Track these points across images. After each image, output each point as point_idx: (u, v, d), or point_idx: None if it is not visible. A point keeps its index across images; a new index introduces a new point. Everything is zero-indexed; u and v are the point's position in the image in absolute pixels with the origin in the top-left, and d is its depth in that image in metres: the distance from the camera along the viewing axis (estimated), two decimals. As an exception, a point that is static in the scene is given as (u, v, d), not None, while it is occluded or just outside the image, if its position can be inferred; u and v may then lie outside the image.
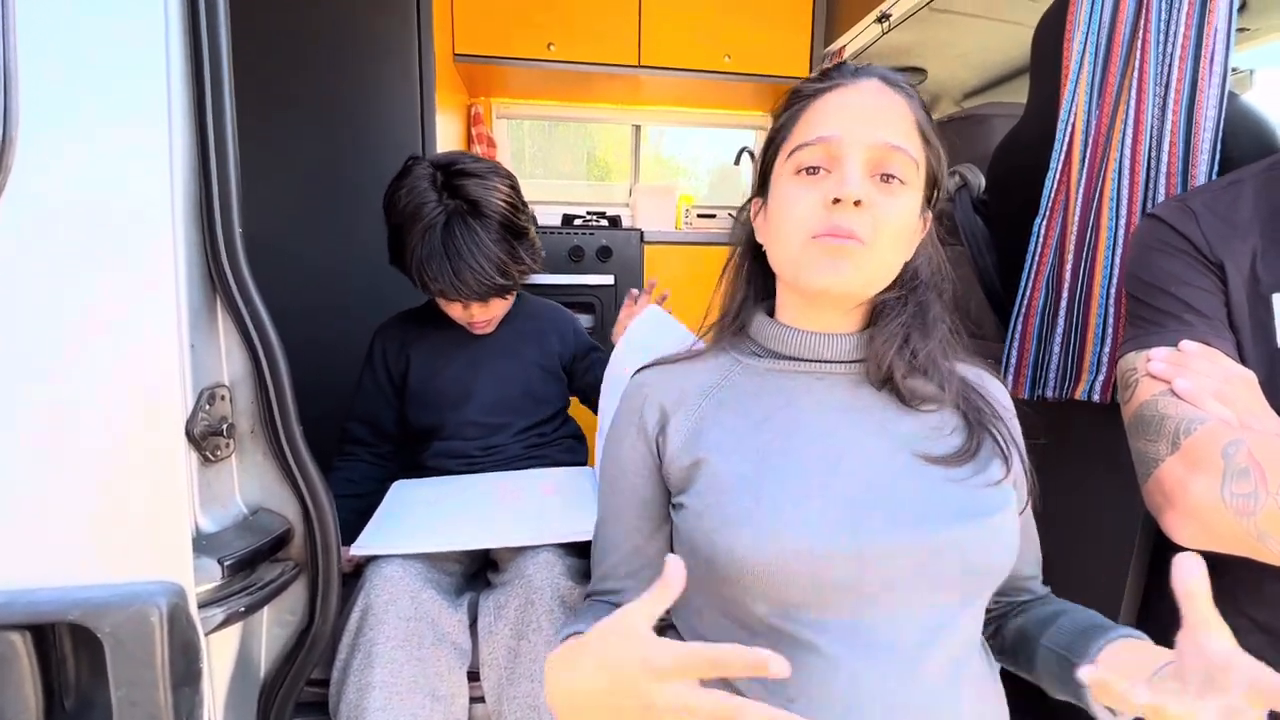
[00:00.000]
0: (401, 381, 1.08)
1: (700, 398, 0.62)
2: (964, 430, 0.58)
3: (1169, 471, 0.59)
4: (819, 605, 0.51)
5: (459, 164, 0.95)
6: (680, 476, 0.59)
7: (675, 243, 2.21)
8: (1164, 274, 0.67)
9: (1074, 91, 0.90)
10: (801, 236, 0.56)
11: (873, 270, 0.56)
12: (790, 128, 0.59)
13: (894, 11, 1.81)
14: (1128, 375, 0.67)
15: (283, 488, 0.65)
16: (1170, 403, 0.61)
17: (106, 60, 0.51)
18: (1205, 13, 0.80)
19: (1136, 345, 0.67)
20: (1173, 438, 0.59)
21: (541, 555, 0.79)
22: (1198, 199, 0.69)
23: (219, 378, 0.62)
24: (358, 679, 0.71)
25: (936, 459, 0.56)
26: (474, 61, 2.09)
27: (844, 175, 0.54)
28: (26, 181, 0.48)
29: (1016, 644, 0.61)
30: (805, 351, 0.61)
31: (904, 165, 0.55)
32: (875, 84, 0.57)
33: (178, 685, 0.51)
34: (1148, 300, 0.68)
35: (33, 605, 0.48)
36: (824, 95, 0.58)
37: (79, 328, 0.50)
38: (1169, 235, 0.68)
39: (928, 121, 0.58)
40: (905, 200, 0.56)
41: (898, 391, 0.59)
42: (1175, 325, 0.65)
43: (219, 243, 0.58)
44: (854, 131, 0.55)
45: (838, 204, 0.54)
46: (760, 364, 0.63)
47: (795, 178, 0.57)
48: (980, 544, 0.52)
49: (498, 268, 0.94)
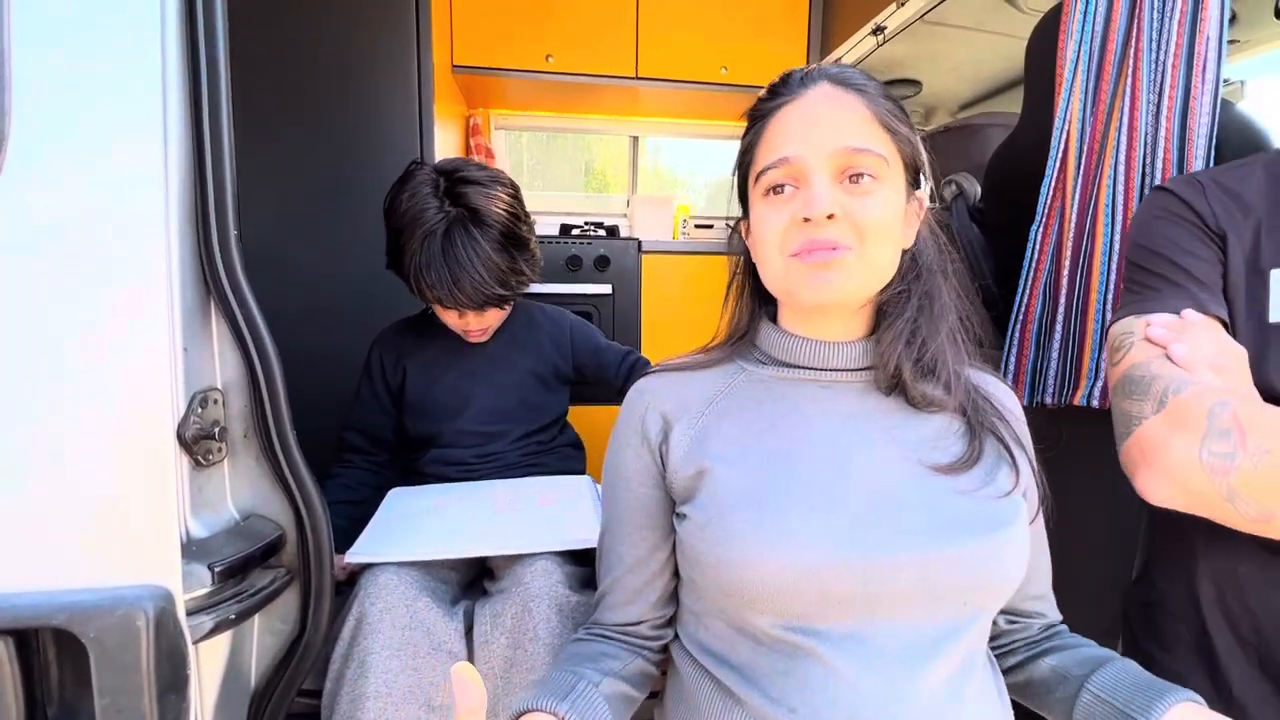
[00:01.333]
0: (399, 391, 1.08)
1: (703, 406, 0.61)
2: (967, 436, 0.58)
3: (1150, 429, 0.59)
4: (824, 616, 0.51)
5: (462, 171, 0.95)
6: (684, 486, 0.58)
7: (673, 252, 2.21)
8: (1166, 241, 0.66)
9: (1068, 100, 0.91)
10: (782, 256, 0.56)
11: (863, 274, 0.56)
12: (754, 150, 0.60)
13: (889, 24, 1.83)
14: (1122, 339, 0.66)
15: (275, 493, 0.65)
16: (1163, 365, 0.60)
17: (103, 64, 0.50)
18: (1197, 21, 0.81)
19: (1134, 310, 0.66)
20: (1160, 397, 0.59)
21: (539, 563, 0.78)
22: (1207, 174, 0.69)
23: (212, 381, 0.61)
24: (351, 689, 0.70)
25: (943, 468, 0.55)
26: (472, 73, 2.10)
27: (811, 194, 0.54)
28: (19, 183, 0.48)
29: (1047, 683, 0.59)
30: (810, 360, 0.61)
31: (870, 162, 0.54)
32: (825, 89, 0.57)
33: (163, 692, 0.50)
34: (1148, 266, 0.67)
35: (16, 610, 0.47)
36: (777, 113, 0.58)
37: (70, 329, 0.50)
38: (1174, 204, 0.67)
39: (889, 109, 0.57)
40: (882, 196, 0.55)
41: (906, 395, 0.58)
42: (1173, 292, 0.64)
43: (214, 246, 0.57)
44: (811, 145, 0.54)
45: (810, 222, 0.54)
46: (765, 372, 0.62)
47: (765, 199, 0.58)
48: (989, 559, 0.52)
49: (496, 277, 0.94)
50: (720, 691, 0.55)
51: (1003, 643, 0.63)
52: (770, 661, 0.52)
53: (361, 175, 1.60)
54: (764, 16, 2.21)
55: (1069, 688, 0.56)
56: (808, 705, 0.49)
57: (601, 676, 0.57)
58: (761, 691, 0.52)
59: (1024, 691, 0.61)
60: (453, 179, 0.94)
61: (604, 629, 0.64)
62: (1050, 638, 0.63)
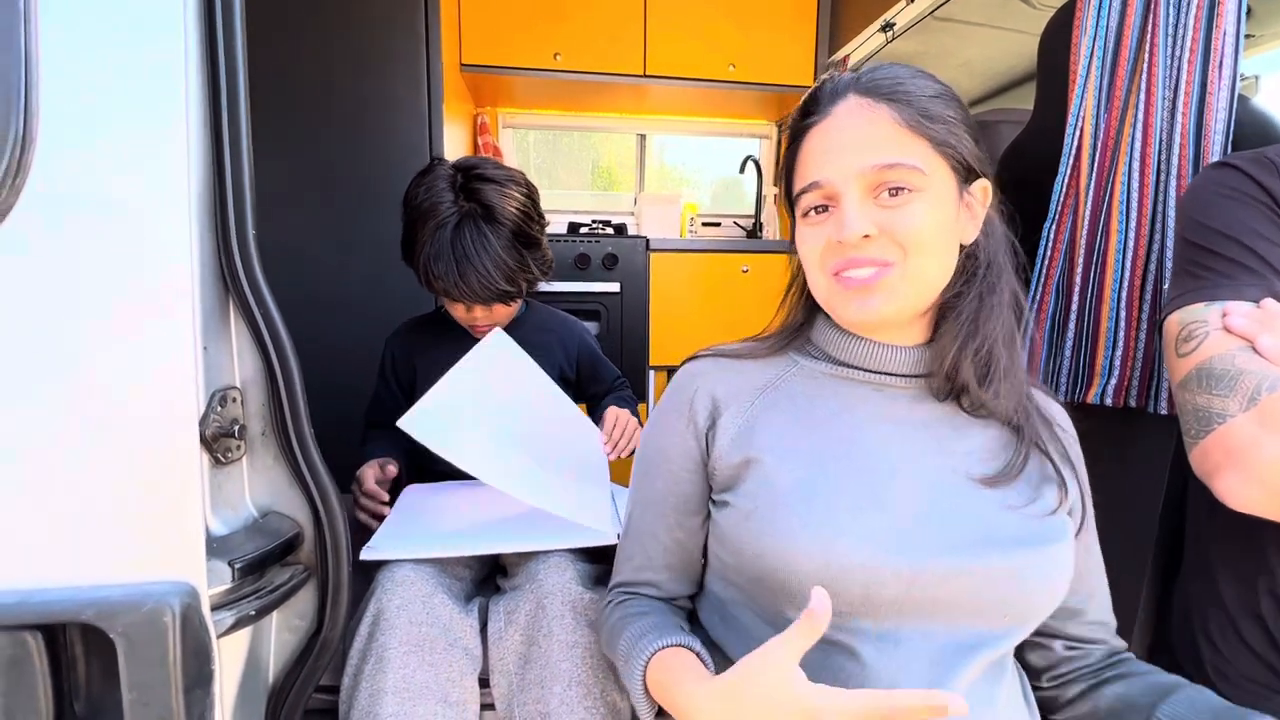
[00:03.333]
0: (410, 389, 1.08)
1: (754, 395, 0.60)
2: (1013, 446, 0.57)
3: (1239, 428, 0.55)
4: (862, 615, 0.51)
5: (480, 169, 0.97)
6: (728, 475, 0.58)
7: (680, 250, 2.21)
8: (1237, 222, 0.62)
9: (1082, 95, 0.90)
10: (824, 275, 0.56)
11: (909, 289, 0.54)
12: (793, 170, 0.60)
13: (898, 20, 1.82)
14: (1192, 327, 0.61)
15: (293, 491, 0.65)
16: (1250, 358, 0.56)
17: (126, 67, 0.51)
18: (1214, 15, 0.80)
19: (1201, 297, 0.62)
20: (1251, 394, 0.55)
21: (552, 560, 0.78)
22: (1276, 151, 0.64)
23: (231, 380, 0.61)
24: (370, 684, 0.70)
25: (987, 480, 0.54)
26: (480, 71, 2.10)
27: (843, 216, 0.53)
28: (45, 182, 0.49)
29: (1115, 713, 0.56)
30: (866, 361, 0.60)
31: (905, 175, 0.53)
32: (852, 103, 0.55)
33: (190, 688, 0.50)
34: (1215, 249, 0.62)
35: (45, 605, 0.48)
36: (809, 133, 0.57)
37: (94, 328, 0.50)
38: (1245, 184, 0.63)
39: (922, 110, 0.54)
40: (924, 204, 0.53)
41: (960, 401, 0.58)
42: (1249, 279, 0.60)
43: (233, 245, 0.58)
44: (841, 168, 0.54)
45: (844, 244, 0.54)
46: (819, 367, 0.62)
47: (805, 220, 0.58)
48: (1034, 573, 0.51)
49: (504, 274, 0.95)
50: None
51: (1063, 671, 0.61)
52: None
53: (371, 173, 1.61)
54: (772, 14, 2.20)
55: (1137, 717, 0.54)
56: None
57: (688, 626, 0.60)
58: None
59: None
60: (469, 175, 0.95)
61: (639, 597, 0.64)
62: (1113, 665, 0.60)
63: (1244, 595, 0.66)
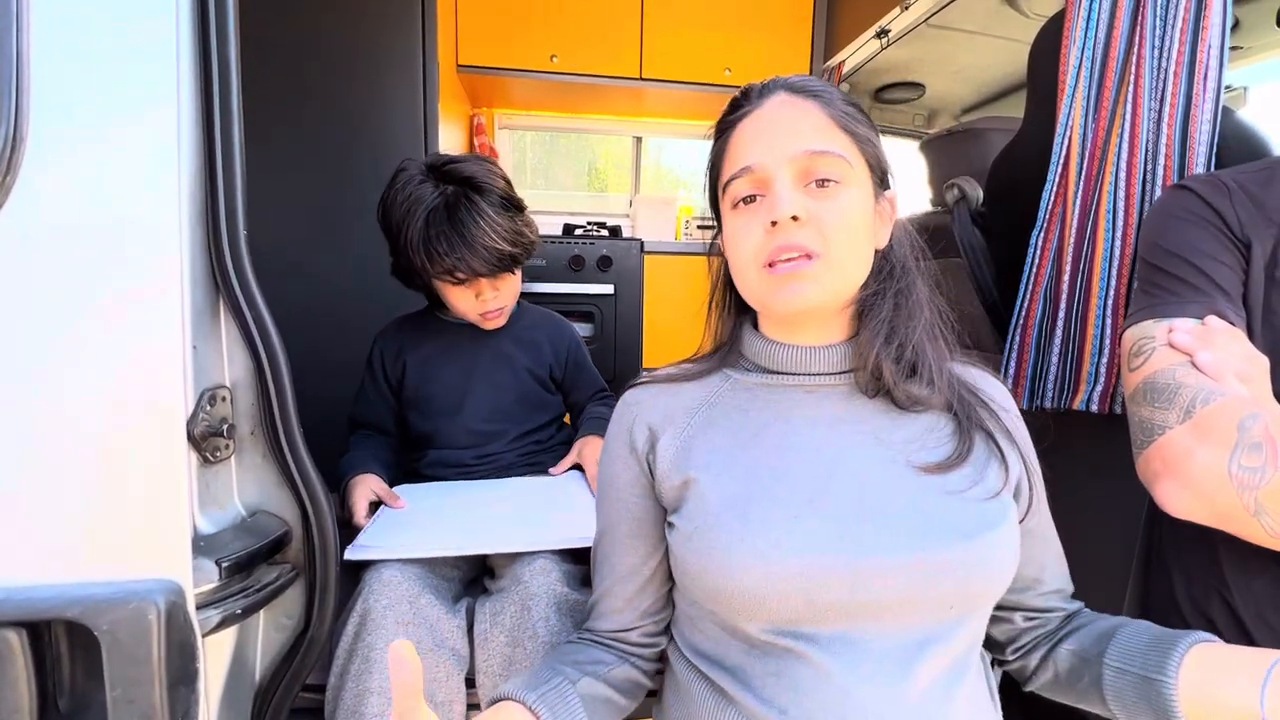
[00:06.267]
0: (399, 385, 1.08)
1: (689, 415, 0.61)
2: (957, 434, 0.57)
3: (1175, 439, 0.58)
4: (811, 621, 0.51)
5: (446, 157, 0.99)
6: (672, 495, 0.59)
7: (675, 253, 2.22)
8: (1188, 244, 0.65)
9: (1070, 106, 0.92)
10: (755, 267, 0.57)
11: (834, 279, 0.56)
12: (720, 163, 0.61)
13: (893, 27, 1.83)
14: (1142, 343, 0.64)
15: (282, 490, 0.65)
16: (1189, 373, 0.59)
17: (116, 65, 0.51)
18: (1199, 28, 0.81)
19: (1153, 314, 0.65)
20: (1186, 407, 0.57)
21: (538, 562, 0.78)
22: (1230, 175, 0.68)
23: (220, 379, 0.62)
24: (355, 684, 0.70)
25: (931, 467, 0.55)
26: (477, 72, 2.11)
27: (774, 198, 0.55)
28: (35, 182, 0.49)
29: (1073, 670, 0.57)
30: (794, 365, 0.61)
31: (832, 165, 0.55)
32: (781, 98, 0.58)
33: (173, 685, 0.51)
34: (1167, 268, 0.66)
35: (30, 602, 0.48)
36: (739, 125, 0.59)
37: (84, 326, 0.51)
38: (1198, 206, 0.66)
39: (849, 112, 0.58)
40: (847, 198, 0.55)
41: (891, 396, 0.59)
42: (1195, 297, 0.63)
43: (224, 245, 0.58)
44: (772, 152, 0.55)
45: (776, 226, 0.54)
46: (750, 379, 0.63)
47: (734, 211, 0.59)
48: (975, 563, 0.51)
49: (505, 236, 0.95)
50: (714, 692, 0.56)
51: (1024, 642, 0.62)
52: (761, 664, 0.53)
53: (366, 174, 1.60)
54: (768, 19, 2.22)
55: (1093, 669, 0.55)
56: (798, 707, 0.50)
57: (581, 675, 0.58)
58: (753, 693, 0.52)
59: (1058, 689, 0.60)
60: (439, 165, 0.97)
61: (595, 635, 0.64)
62: (1065, 623, 0.62)
63: (1196, 596, 0.67)
